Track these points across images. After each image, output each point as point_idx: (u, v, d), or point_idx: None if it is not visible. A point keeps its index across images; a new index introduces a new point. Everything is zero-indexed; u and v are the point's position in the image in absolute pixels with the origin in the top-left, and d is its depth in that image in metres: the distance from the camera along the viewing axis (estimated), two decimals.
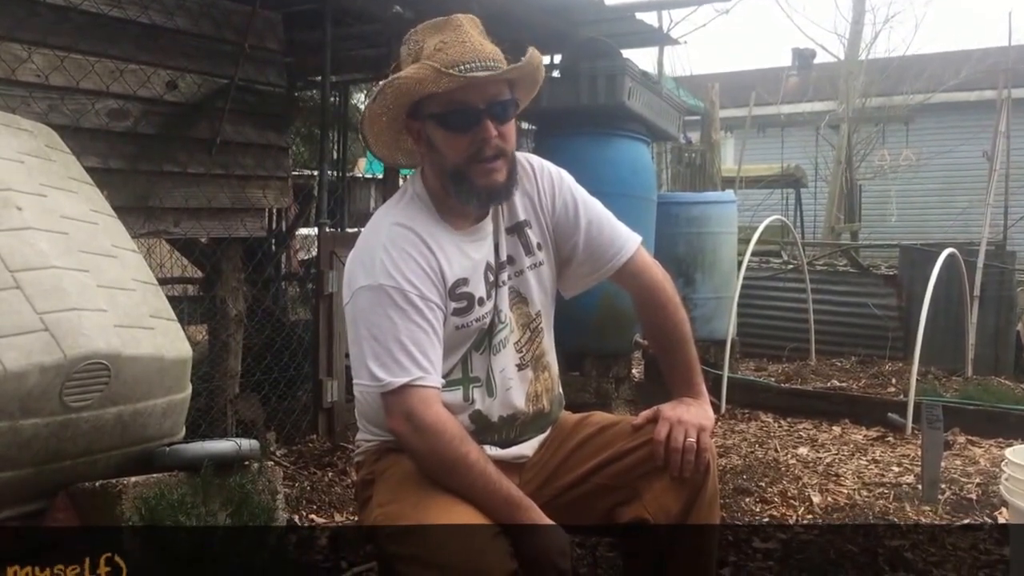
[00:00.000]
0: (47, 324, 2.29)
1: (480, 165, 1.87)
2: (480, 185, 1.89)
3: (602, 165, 4.64)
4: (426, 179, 2.00)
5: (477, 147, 1.86)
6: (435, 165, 1.94)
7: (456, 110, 1.86)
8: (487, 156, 1.87)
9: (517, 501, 1.84)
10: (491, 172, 1.88)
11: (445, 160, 1.90)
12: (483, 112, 1.85)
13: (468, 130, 1.86)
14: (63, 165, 2.82)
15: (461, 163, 1.88)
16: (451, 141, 1.88)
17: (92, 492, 2.42)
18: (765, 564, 2.84)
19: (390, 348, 1.83)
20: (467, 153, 1.87)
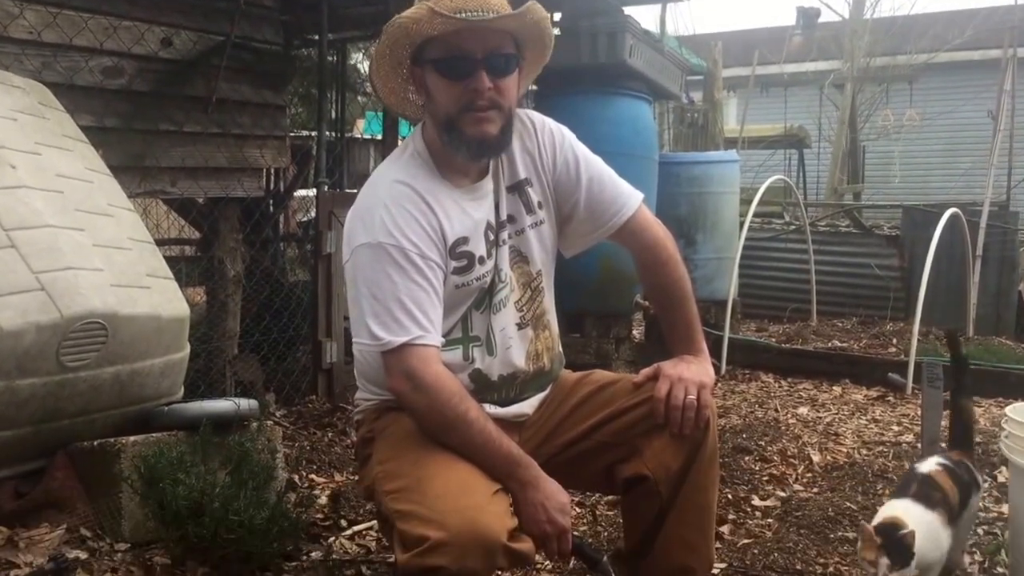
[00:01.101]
0: (43, 283, 2.28)
1: (471, 114, 1.85)
2: (470, 135, 1.87)
3: (603, 124, 4.59)
4: (426, 135, 1.98)
5: (469, 97, 1.85)
6: (432, 114, 1.92)
7: (453, 56, 1.84)
8: (479, 106, 1.85)
9: (516, 458, 1.84)
10: (481, 122, 1.86)
11: (439, 108, 1.89)
12: (479, 62, 1.83)
13: (462, 78, 1.84)
14: (57, 123, 2.79)
15: (453, 112, 1.86)
16: (446, 88, 1.86)
17: (90, 451, 2.42)
18: (764, 522, 2.85)
19: (390, 307, 1.82)
20: (460, 102, 1.85)
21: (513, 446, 1.86)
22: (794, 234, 7.59)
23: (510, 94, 1.90)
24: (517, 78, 1.93)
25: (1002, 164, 7.47)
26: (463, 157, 1.91)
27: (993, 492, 3.17)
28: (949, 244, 6.03)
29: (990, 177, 6.79)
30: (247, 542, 2.11)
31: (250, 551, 2.13)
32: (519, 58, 1.92)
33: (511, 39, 1.88)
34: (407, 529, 1.75)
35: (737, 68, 12.68)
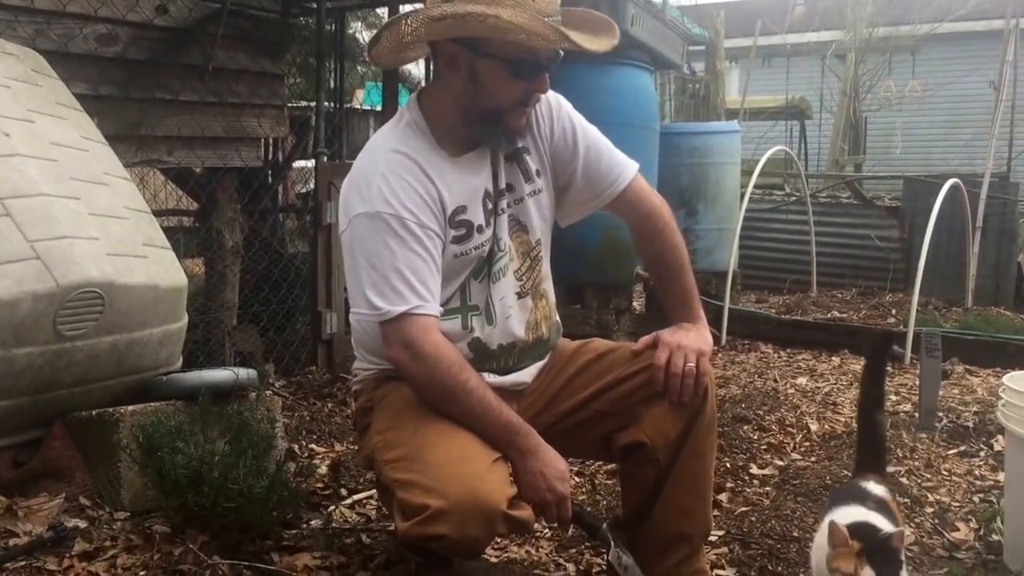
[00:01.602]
0: (38, 252, 2.27)
1: (521, 109, 1.90)
2: (512, 127, 1.92)
3: (604, 94, 4.55)
4: (427, 106, 1.96)
5: (528, 96, 1.88)
6: (467, 97, 1.88)
7: (525, 59, 1.83)
8: (531, 103, 1.91)
9: (516, 427, 1.84)
10: (522, 116, 1.92)
11: (488, 98, 1.87)
12: (545, 66, 1.86)
13: (529, 79, 1.86)
14: (51, 91, 2.77)
15: (506, 105, 1.88)
16: (507, 84, 1.85)
17: (89, 421, 2.42)
18: (762, 490, 2.86)
19: (388, 277, 1.82)
20: (518, 99, 1.88)
21: (512, 415, 1.86)
22: (795, 205, 7.57)
23: None
24: None
25: (1003, 135, 7.44)
26: (498, 146, 1.94)
27: (989, 461, 3.18)
28: (949, 215, 6.02)
29: (991, 148, 6.76)
30: (246, 511, 2.12)
31: (250, 519, 2.14)
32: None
33: None
34: (407, 498, 1.76)
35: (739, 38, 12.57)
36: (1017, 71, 7.47)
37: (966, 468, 3.13)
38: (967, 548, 2.47)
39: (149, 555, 2.06)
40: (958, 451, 3.30)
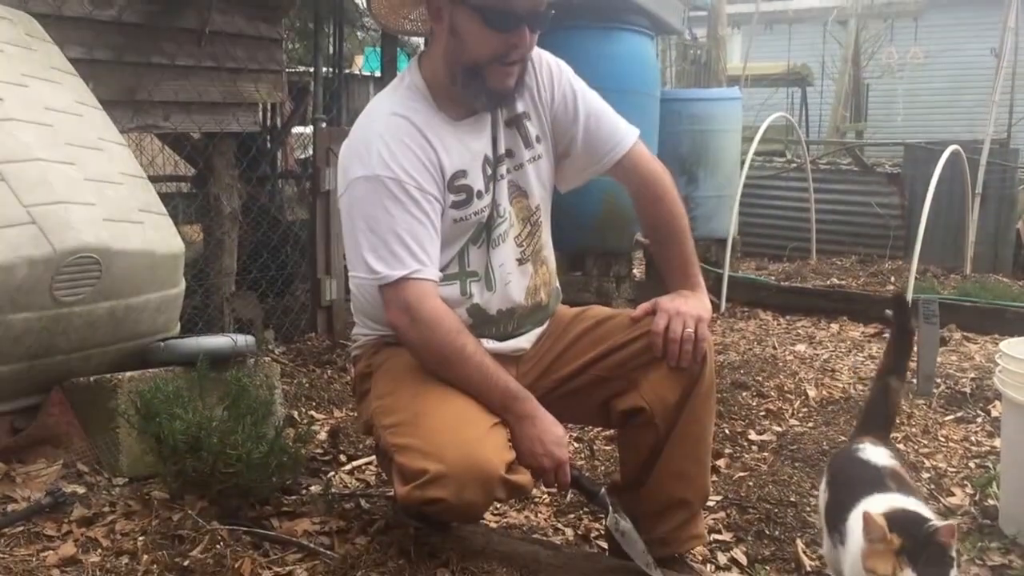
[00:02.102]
0: (34, 217, 2.26)
1: (500, 67, 1.85)
2: (492, 86, 1.87)
3: (604, 60, 4.52)
4: (425, 68, 1.95)
5: (506, 51, 1.84)
6: (450, 52, 1.88)
7: (500, 9, 1.81)
8: (511, 60, 1.85)
9: (513, 392, 1.84)
10: (508, 76, 1.87)
11: (466, 52, 1.85)
12: (523, 18, 1.82)
13: (505, 31, 1.82)
14: (45, 55, 2.74)
15: (483, 60, 1.84)
16: (483, 37, 1.83)
17: (87, 387, 2.42)
18: (760, 455, 2.87)
19: (387, 241, 1.81)
20: (494, 53, 1.84)
21: (510, 380, 1.86)
22: (795, 172, 7.54)
23: (533, 48, 1.90)
24: None
25: (1004, 102, 7.40)
26: (479, 105, 1.90)
27: (986, 427, 3.19)
28: (950, 182, 6.00)
29: (991, 115, 6.73)
30: (245, 476, 2.12)
31: (248, 485, 2.14)
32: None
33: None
34: (406, 462, 1.77)
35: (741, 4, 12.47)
36: (1018, 38, 7.42)
37: (963, 434, 3.14)
38: (963, 513, 2.48)
39: (147, 521, 2.07)
40: (955, 417, 3.31)
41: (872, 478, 1.76)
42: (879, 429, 2.01)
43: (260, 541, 2.02)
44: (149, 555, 1.90)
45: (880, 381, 2.08)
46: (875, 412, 2.05)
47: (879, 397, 2.07)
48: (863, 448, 1.90)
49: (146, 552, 1.92)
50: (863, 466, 1.83)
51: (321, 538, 2.07)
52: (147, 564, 1.87)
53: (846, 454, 1.95)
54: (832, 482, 1.88)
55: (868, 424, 2.04)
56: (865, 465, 1.83)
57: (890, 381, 2.04)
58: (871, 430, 2.00)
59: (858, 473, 1.82)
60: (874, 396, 2.10)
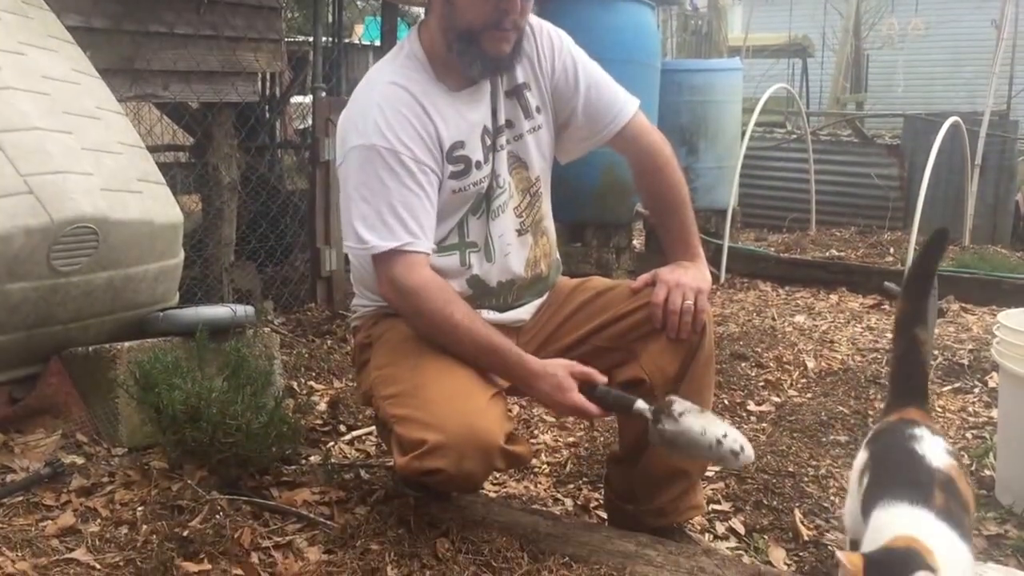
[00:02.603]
0: (32, 187, 2.25)
1: (495, 32, 1.83)
2: (488, 52, 1.85)
3: (604, 30, 4.48)
4: (424, 37, 1.93)
5: (499, 15, 1.82)
6: (445, 18, 1.87)
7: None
8: (505, 26, 1.83)
9: (505, 353, 1.83)
10: (502, 41, 1.85)
11: (460, 17, 1.84)
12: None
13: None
14: (41, 23, 2.71)
15: (477, 25, 1.83)
16: (476, 2, 1.81)
17: (85, 357, 2.42)
18: (759, 426, 2.88)
19: (380, 211, 1.81)
20: (488, 18, 1.82)
21: (503, 344, 1.83)
22: (795, 143, 7.50)
23: (528, 14, 1.88)
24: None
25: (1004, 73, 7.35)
26: (474, 71, 1.88)
27: (983, 397, 3.20)
28: (949, 153, 5.98)
29: (991, 86, 6.69)
30: (245, 446, 2.13)
31: (248, 455, 2.15)
32: None
33: None
34: (405, 433, 1.77)
35: None
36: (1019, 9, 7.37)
37: (960, 405, 3.15)
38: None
39: (147, 491, 2.08)
40: (952, 388, 3.32)
41: (920, 481, 1.51)
42: (918, 396, 1.79)
43: (260, 511, 2.03)
44: (148, 525, 1.91)
45: (905, 335, 1.82)
46: (909, 374, 1.82)
47: (909, 355, 1.82)
48: (920, 435, 1.63)
49: (145, 522, 1.93)
50: (914, 460, 1.58)
51: (321, 508, 2.08)
52: (146, 534, 1.88)
53: (898, 434, 1.68)
54: (875, 465, 1.64)
55: (904, 389, 1.81)
56: (917, 460, 1.58)
57: (917, 332, 1.80)
58: (910, 397, 1.78)
59: (906, 467, 1.58)
60: (903, 354, 1.84)
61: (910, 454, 1.60)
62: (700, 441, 1.71)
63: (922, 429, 1.66)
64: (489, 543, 1.84)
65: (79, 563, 1.78)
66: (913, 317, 1.82)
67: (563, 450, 2.69)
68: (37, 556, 1.79)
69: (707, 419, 1.72)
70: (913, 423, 1.69)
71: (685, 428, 1.70)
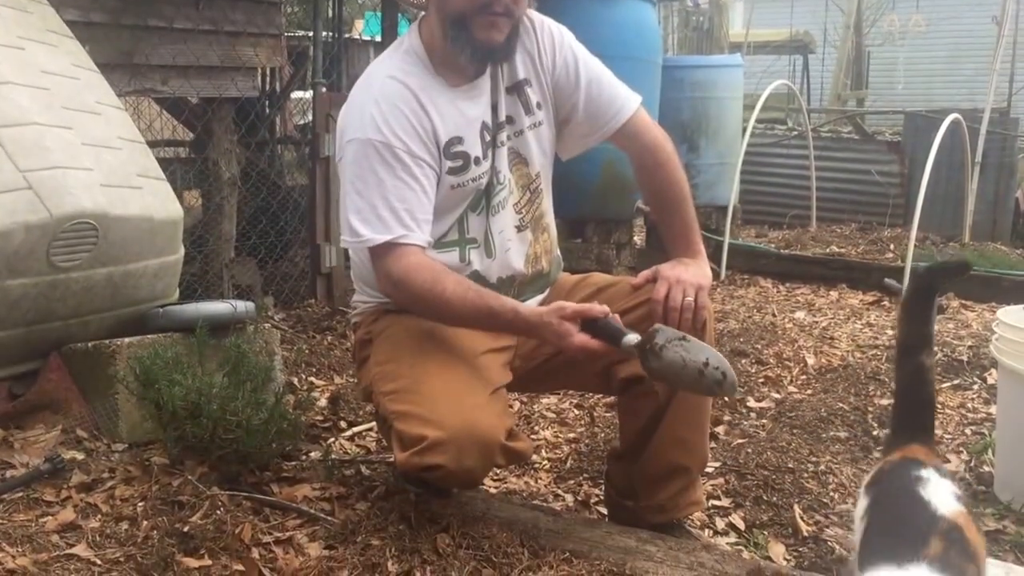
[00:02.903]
0: (31, 182, 2.24)
1: (485, 17, 1.81)
2: (479, 38, 1.83)
3: (606, 26, 4.48)
4: (424, 32, 1.93)
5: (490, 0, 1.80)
6: (439, 8, 1.86)
7: None
8: (495, 10, 1.81)
9: (501, 313, 1.81)
10: (492, 27, 1.83)
11: (449, 4, 1.83)
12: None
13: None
14: (41, 17, 2.71)
15: (468, 11, 1.82)
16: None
17: (85, 352, 2.42)
18: (759, 422, 2.88)
19: (374, 204, 1.81)
20: (476, 2, 1.80)
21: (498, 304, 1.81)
22: (796, 140, 7.51)
23: (523, 3, 1.87)
24: None
25: (1004, 71, 7.34)
26: (465, 59, 1.87)
27: (982, 394, 3.20)
28: (950, 150, 5.97)
29: (991, 83, 6.68)
30: (245, 442, 2.13)
31: (248, 451, 2.14)
32: None
33: None
34: (405, 429, 1.77)
35: None
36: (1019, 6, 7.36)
37: (959, 401, 3.15)
38: (958, 479, 2.49)
39: (147, 486, 2.08)
40: (952, 384, 3.32)
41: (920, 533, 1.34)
42: (923, 431, 1.62)
43: (260, 507, 2.03)
44: (149, 521, 1.91)
45: (909, 363, 1.64)
46: (914, 407, 1.64)
47: (915, 385, 1.64)
48: (926, 477, 1.47)
49: (146, 518, 1.93)
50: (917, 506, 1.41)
51: (321, 504, 2.08)
52: (147, 530, 1.87)
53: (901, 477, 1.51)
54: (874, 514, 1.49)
55: (908, 424, 1.64)
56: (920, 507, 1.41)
57: (923, 360, 1.62)
58: (915, 433, 1.60)
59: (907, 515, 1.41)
60: (908, 384, 1.67)
61: (914, 500, 1.43)
62: (682, 375, 1.69)
63: (928, 470, 1.49)
64: (489, 539, 1.84)
65: (79, 559, 1.77)
66: (918, 342, 1.64)
67: (563, 446, 2.69)
68: (38, 552, 1.79)
69: (688, 347, 1.69)
70: (919, 463, 1.51)
71: (667, 363, 1.68)
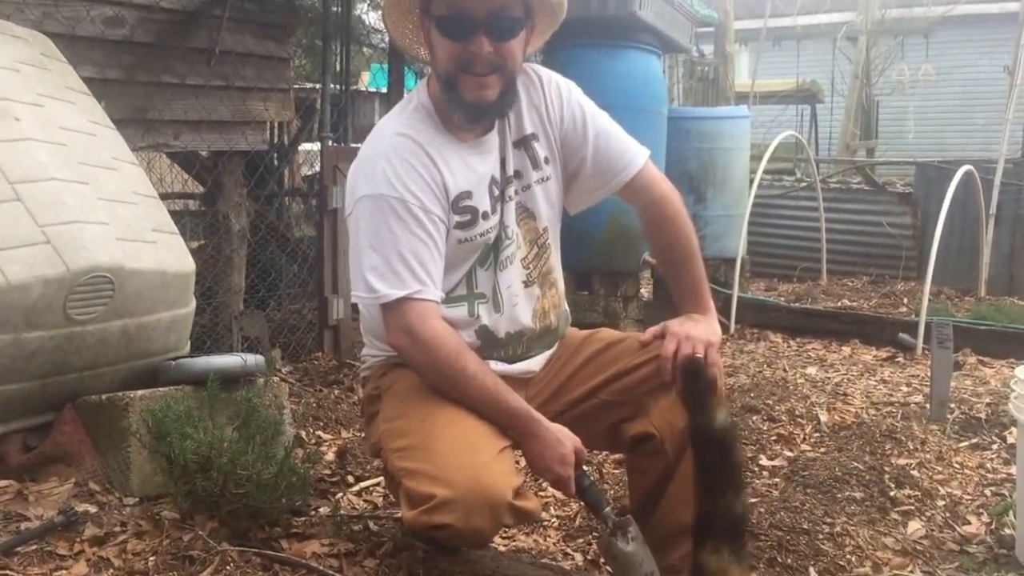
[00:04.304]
0: (49, 237, 2.27)
1: (469, 77, 1.83)
2: (468, 98, 1.85)
3: (612, 78, 4.53)
4: (431, 88, 1.95)
5: (468, 59, 1.82)
6: (434, 69, 1.90)
7: (453, 16, 1.82)
8: (477, 70, 1.83)
9: (516, 412, 1.83)
10: (479, 87, 1.84)
11: (439, 64, 1.87)
12: (479, 24, 1.80)
13: (461, 39, 1.82)
14: (59, 74, 2.76)
15: (452, 71, 1.84)
16: (446, 47, 1.84)
17: (98, 405, 2.43)
18: (771, 481, 2.85)
19: (389, 259, 1.81)
20: (458, 63, 1.83)
21: (513, 399, 1.84)
22: (805, 191, 7.52)
23: (513, 56, 1.87)
24: (524, 39, 1.89)
25: (1018, 120, 7.35)
26: (459, 118, 1.89)
27: (1002, 453, 3.16)
28: (963, 202, 5.96)
29: (1005, 133, 6.69)
30: (255, 497, 2.11)
31: (258, 506, 2.13)
32: (526, 20, 1.88)
33: (518, 0, 1.84)
34: (414, 486, 1.76)
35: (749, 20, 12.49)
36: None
37: (978, 461, 3.11)
38: (978, 542, 2.45)
39: (158, 541, 2.06)
40: (970, 443, 3.28)
41: None
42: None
43: (270, 563, 2.01)
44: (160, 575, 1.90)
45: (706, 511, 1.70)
46: None
47: None
48: None
49: (157, 572, 1.91)
50: None
51: (330, 560, 2.06)
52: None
53: None
54: None
55: None
56: None
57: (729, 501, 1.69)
58: None
59: None
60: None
61: None
62: (635, 571, 1.82)
63: None
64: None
65: None
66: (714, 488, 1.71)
67: (572, 503, 2.67)
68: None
69: (647, 554, 1.85)
70: None
71: (630, 553, 1.82)
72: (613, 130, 2.03)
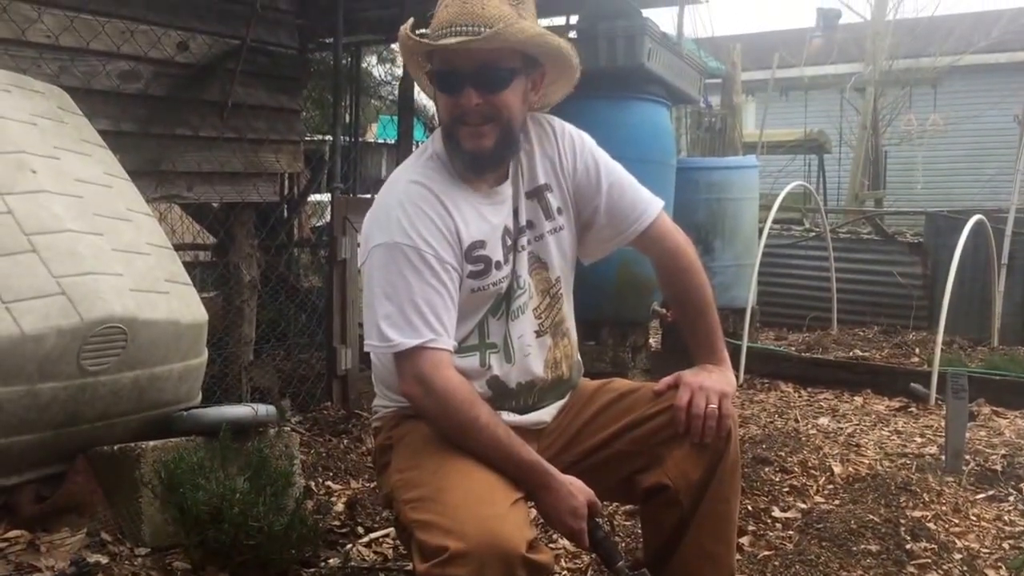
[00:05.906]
0: (64, 288, 2.29)
1: (465, 128, 1.87)
2: (466, 147, 1.88)
3: (620, 129, 4.55)
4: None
5: (460, 111, 1.86)
6: (439, 118, 1.95)
7: (444, 71, 1.87)
8: (470, 121, 1.86)
9: (528, 464, 1.81)
10: (476, 136, 1.87)
11: (440, 116, 1.93)
12: (467, 78, 1.84)
13: (453, 93, 1.86)
14: (75, 127, 2.80)
15: (449, 123, 1.89)
16: (442, 100, 1.89)
17: (110, 456, 2.43)
18: (785, 534, 2.81)
19: (403, 308, 1.81)
20: (452, 114, 1.88)
21: (524, 451, 1.83)
22: (814, 241, 7.52)
23: (508, 106, 1.88)
24: (523, 89, 1.91)
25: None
26: (459, 168, 1.92)
27: (1019, 506, 3.12)
28: (973, 251, 5.94)
29: (1016, 183, 6.68)
30: (266, 548, 2.11)
31: (269, 557, 2.12)
32: (526, 70, 1.90)
33: (512, 52, 1.87)
34: (426, 539, 1.74)
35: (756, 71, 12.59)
36: None
37: (995, 513, 3.06)
38: None
39: None
40: (986, 495, 3.23)
41: None
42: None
43: None
44: None
45: None
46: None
47: None
48: None
49: None
50: None
51: None
52: None
53: None
54: None
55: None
56: None
57: None
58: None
59: None
60: None
61: None
62: None
63: None
64: None
65: None
66: None
67: (583, 555, 2.63)
68: None
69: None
70: None
71: None
72: (626, 180, 2.05)
